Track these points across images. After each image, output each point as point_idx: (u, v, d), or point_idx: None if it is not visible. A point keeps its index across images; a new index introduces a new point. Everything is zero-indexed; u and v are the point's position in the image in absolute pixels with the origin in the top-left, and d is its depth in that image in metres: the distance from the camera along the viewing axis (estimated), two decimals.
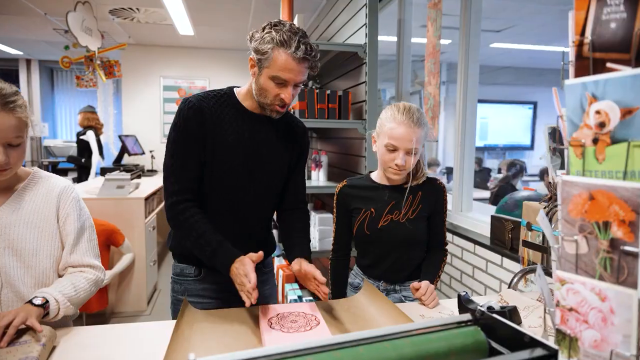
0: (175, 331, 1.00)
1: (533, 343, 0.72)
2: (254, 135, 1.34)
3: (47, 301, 1.06)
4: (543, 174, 4.08)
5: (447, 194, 2.74)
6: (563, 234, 0.75)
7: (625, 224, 0.66)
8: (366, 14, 2.29)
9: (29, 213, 1.16)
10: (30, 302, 1.04)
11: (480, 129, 8.33)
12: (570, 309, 0.74)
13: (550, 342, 0.69)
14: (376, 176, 1.52)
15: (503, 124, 8.34)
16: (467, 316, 0.86)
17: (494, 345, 0.79)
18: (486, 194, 5.36)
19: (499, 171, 6.93)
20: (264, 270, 1.51)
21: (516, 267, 1.89)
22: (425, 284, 1.35)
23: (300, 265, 1.28)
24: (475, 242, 2.18)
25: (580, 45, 0.72)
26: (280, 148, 1.40)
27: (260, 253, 1.18)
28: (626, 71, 0.66)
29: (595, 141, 0.70)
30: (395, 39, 3.32)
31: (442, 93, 6.75)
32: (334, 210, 1.57)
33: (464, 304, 1.26)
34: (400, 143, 1.36)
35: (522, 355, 0.69)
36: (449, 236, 2.42)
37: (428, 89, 2.98)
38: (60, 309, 1.08)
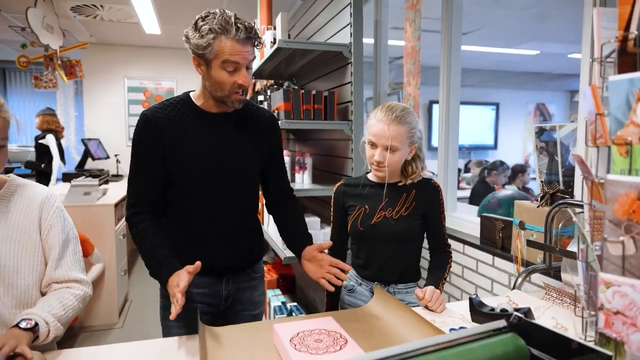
0: (201, 355, 0.92)
1: (582, 349, 0.69)
2: (218, 137, 1.33)
3: (36, 324, 0.94)
4: (516, 174, 4.18)
5: None
6: (607, 235, 0.73)
7: None
8: (351, 13, 2.24)
9: (8, 226, 1.04)
10: (17, 325, 0.92)
11: None
12: (617, 312, 0.72)
13: (604, 350, 0.66)
14: (372, 175, 1.55)
15: (468, 124, 8.55)
16: (502, 322, 0.83)
17: (535, 352, 0.76)
18: (457, 193, 5.45)
19: (467, 170, 7.10)
20: (253, 275, 1.49)
21: (508, 266, 1.90)
22: (430, 290, 1.33)
23: (315, 254, 1.33)
24: (464, 242, 2.17)
25: (624, 40, 0.69)
26: (249, 145, 1.39)
27: (198, 264, 1.13)
28: None
29: None
30: (370, 40, 3.31)
31: None
32: (332, 209, 1.61)
33: (476, 307, 1.24)
34: (377, 139, 1.41)
35: None
36: None
37: (407, 89, 2.98)
38: (51, 331, 0.97)
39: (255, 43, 1.25)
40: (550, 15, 4.29)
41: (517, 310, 1.20)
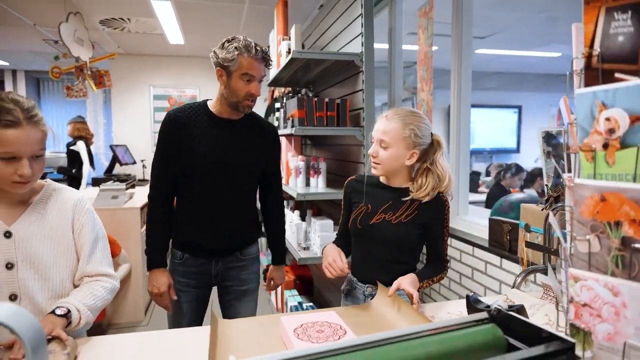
0: (211, 343, 1.02)
1: (550, 337, 0.76)
2: (224, 138, 1.63)
3: (69, 311, 1.07)
4: (535, 177, 4.17)
5: None
6: (575, 234, 0.79)
7: (636, 223, 0.70)
8: (362, 24, 2.33)
9: (45, 226, 1.17)
10: (52, 312, 1.05)
11: None
12: (584, 305, 0.78)
13: (569, 337, 0.73)
14: (382, 177, 1.54)
15: (489, 128, 8.49)
16: (483, 314, 0.90)
17: (512, 341, 0.83)
18: (476, 197, 5.45)
19: (487, 174, 7.06)
20: (240, 257, 1.77)
21: (515, 267, 1.95)
22: (416, 295, 1.27)
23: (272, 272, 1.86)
24: (474, 245, 2.22)
25: (589, 56, 0.76)
26: (251, 148, 1.68)
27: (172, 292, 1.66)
28: (634, 81, 0.71)
29: (605, 146, 0.75)
30: (386, 46, 3.39)
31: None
32: (342, 200, 1.65)
33: (472, 304, 1.30)
34: (375, 133, 1.45)
35: (541, 349, 0.73)
36: None
37: (421, 95, 3.04)
38: (82, 318, 1.10)
39: (267, 64, 1.59)
40: (564, 18, 4.28)
41: (511, 307, 1.26)
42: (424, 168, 1.45)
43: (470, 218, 2.52)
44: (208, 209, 1.64)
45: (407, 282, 1.31)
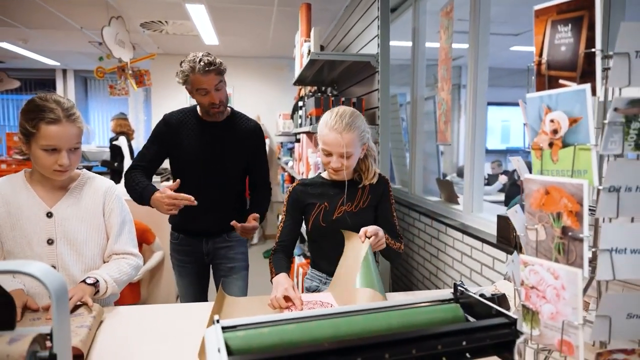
0: (213, 312, 1.17)
1: (498, 314, 0.86)
2: (206, 138, 1.89)
3: (97, 281, 1.25)
4: None
5: (458, 195, 2.84)
6: (526, 224, 0.88)
7: (573, 214, 0.79)
8: (378, 26, 2.43)
9: (80, 209, 1.36)
10: (84, 281, 1.23)
11: (502, 132, 8.31)
12: (532, 287, 0.87)
13: (513, 314, 0.82)
14: (326, 174, 1.63)
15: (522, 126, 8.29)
16: (449, 295, 1.00)
17: (470, 318, 0.93)
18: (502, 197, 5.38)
19: None
20: (227, 238, 2.02)
21: None
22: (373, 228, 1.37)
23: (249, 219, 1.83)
24: (483, 241, 2.28)
25: (539, 64, 0.85)
26: (230, 146, 1.91)
27: (178, 181, 1.73)
28: (573, 87, 0.79)
29: (550, 145, 0.83)
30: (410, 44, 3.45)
31: (462, 96, 6.82)
32: (285, 208, 1.65)
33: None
34: (332, 148, 1.46)
35: (487, 322, 0.83)
36: (458, 235, 2.54)
37: (441, 94, 3.10)
38: (108, 288, 1.28)
39: (216, 71, 1.75)
40: None
41: (493, 295, 1.34)
42: (363, 155, 1.56)
43: (484, 215, 2.56)
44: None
45: (370, 227, 1.38)
